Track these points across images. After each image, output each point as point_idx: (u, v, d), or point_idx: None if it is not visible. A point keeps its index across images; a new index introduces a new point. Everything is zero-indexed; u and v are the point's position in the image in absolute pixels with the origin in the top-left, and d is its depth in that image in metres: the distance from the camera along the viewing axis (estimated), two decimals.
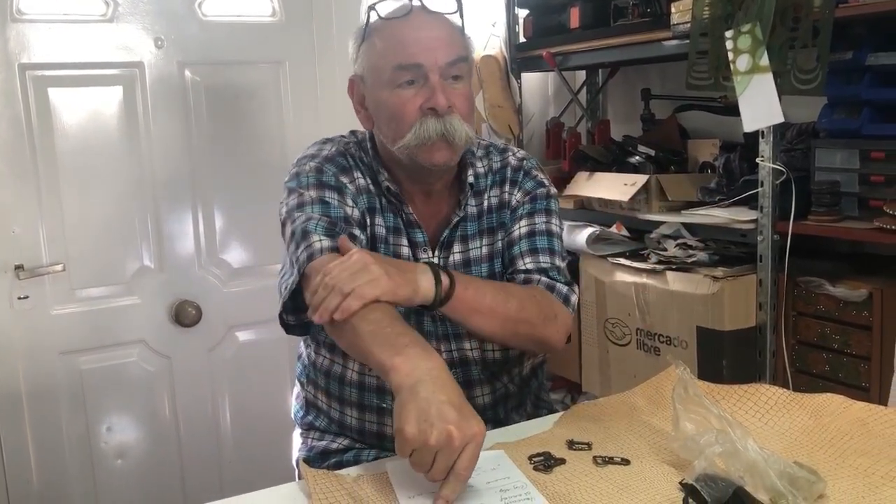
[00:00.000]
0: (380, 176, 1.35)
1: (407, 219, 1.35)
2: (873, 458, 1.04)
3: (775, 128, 1.94)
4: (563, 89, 2.89)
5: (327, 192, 1.31)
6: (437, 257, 1.37)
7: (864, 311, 1.86)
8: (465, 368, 1.37)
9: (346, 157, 1.37)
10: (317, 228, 1.25)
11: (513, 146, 1.52)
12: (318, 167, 1.34)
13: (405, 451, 0.96)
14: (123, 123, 2.23)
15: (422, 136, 1.25)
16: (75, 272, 2.20)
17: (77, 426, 2.25)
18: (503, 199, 1.43)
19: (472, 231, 1.40)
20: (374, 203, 1.35)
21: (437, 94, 1.24)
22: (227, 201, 2.37)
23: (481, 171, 1.42)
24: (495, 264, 1.41)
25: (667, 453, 1.08)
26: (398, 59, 1.25)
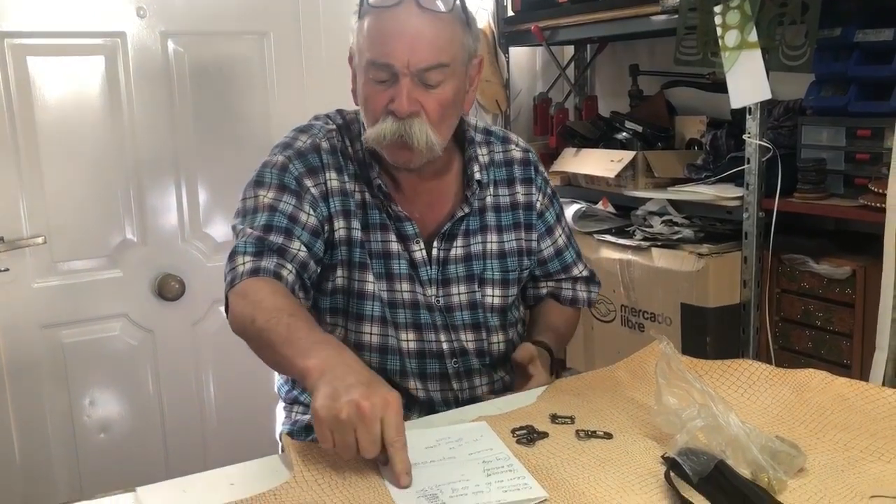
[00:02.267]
0: (372, 171, 1.32)
1: (395, 214, 1.32)
2: (853, 432, 1.05)
3: (762, 105, 1.94)
4: (551, 64, 2.87)
5: (285, 196, 1.28)
6: (436, 249, 1.35)
7: (848, 289, 1.87)
8: (464, 358, 1.37)
9: (319, 152, 1.32)
10: (245, 247, 1.23)
11: (512, 134, 1.50)
12: (284, 164, 1.30)
13: (324, 433, 0.94)
14: (105, 94, 2.20)
15: (380, 135, 1.23)
16: (57, 245, 2.18)
17: (59, 400, 2.23)
18: (517, 199, 1.42)
19: (475, 226, 1.38)
20: (348, 205, 1.31)
21: (401, 99, 1.20)
22: (211, 174, 2.34)
23: (483, 160, 1.40)
24: (508, 262, 1.40)
25: (649, 427, 1.09)
26: (373, 53, 1.21)
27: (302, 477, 0.97)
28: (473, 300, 1.37)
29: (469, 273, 1.37)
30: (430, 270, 1.35)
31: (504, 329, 1.42)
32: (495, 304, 1.39)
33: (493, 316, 1.40)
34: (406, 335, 1.34)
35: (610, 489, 0.94)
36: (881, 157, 1.82)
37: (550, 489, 0.94)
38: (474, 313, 1.38)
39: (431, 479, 0.96)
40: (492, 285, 1.39)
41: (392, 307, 1.33)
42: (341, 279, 1.33)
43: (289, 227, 1.26)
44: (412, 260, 1.34)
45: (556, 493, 0.93)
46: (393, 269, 1.33)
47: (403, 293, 1.33)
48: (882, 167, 1.79)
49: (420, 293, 1.34)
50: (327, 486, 0.95)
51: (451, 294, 1.36)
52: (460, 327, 1.37)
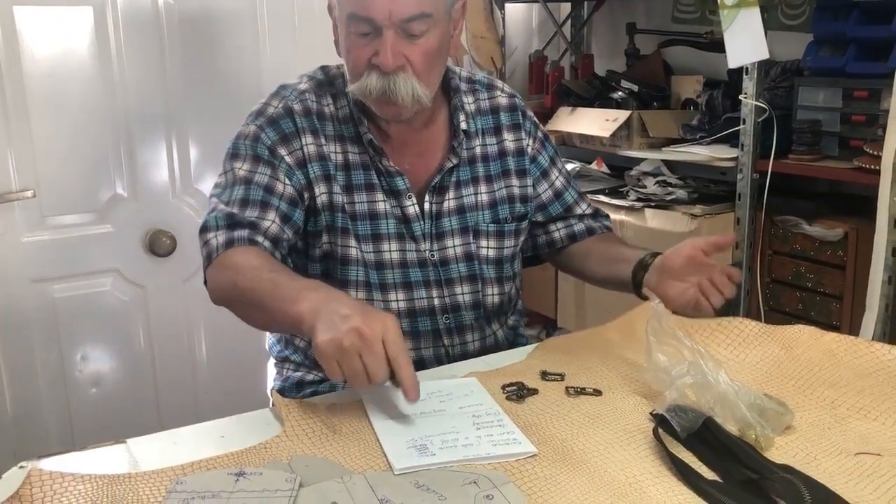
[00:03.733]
0: (361, 126, 1.29)
1: (385, 169, 1.30)
2: (840, 390, 1.06)
3: (760, 65, 1.92)
4: (548, 21, 2.83)
5: (259, 167, 1.26)
6: (427, 203, 1.33)
7: (839, 251, 1.87)
8: (456, 314, 1.36)
9: (292, 116, 1.29)
10: (216, 221, 1.22)
11: (496, 80, 1.48)
12: (256, 134, 1.28)
13: (331, 365, 0.96)
14: (94, 46, 2.16)
15: (364, 90, 1.21)
16: (46, 199, 2.16)
17: (50, 355, 2.23)
18: (505, 146, 1.40)
19: (465, 177, 1.36)
20: (327, 169, 1.29)
21: (385, 52, 1.17)
22: (202, 129, 2.31)
23: (470, 109, 1.38)
24: (499, 211, 1.39)
25: (638, 385, 1.09)
26: (352, 6, 1.18)
27: (293, 430, 0.98)
28: (469, 252, 1.36)
29: (463, 225, 1.36)
30: (424, 225, 1.33)
31: (500, 282, 1.41)
32: (490, 255, 1.39)
33: (488, 268, 1.39)
34: (395, 295, 1.33)
35: (598, 445, 0.94)
36: (877, 118, 1.81)
37: (539, 445, 0.94)
38: (470, 265, 1.37)
39: (422, 431, 0.97)
40: (486, 237, 1.38)
41: (379, 268, 1.32)
42: (327, 245, 1.31)
43: (265, 200, 1.24)
44: (405, 215, 1.32)
45: (545, 449, 0.94)
46: (381, 230, 1.31)
47: (392, 252, 1.32)
48: (878, 129, 1.78)
49: (411, 250, 1.33)
50: (317, 440, 0.96)
51: (445, 248, 1.35)
52: (456, 280, 1.36)
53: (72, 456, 0.95)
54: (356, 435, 0.97)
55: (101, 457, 0.96)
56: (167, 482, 0.86)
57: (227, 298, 1.19)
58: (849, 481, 0.86)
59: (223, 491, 0.84)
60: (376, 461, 0.92)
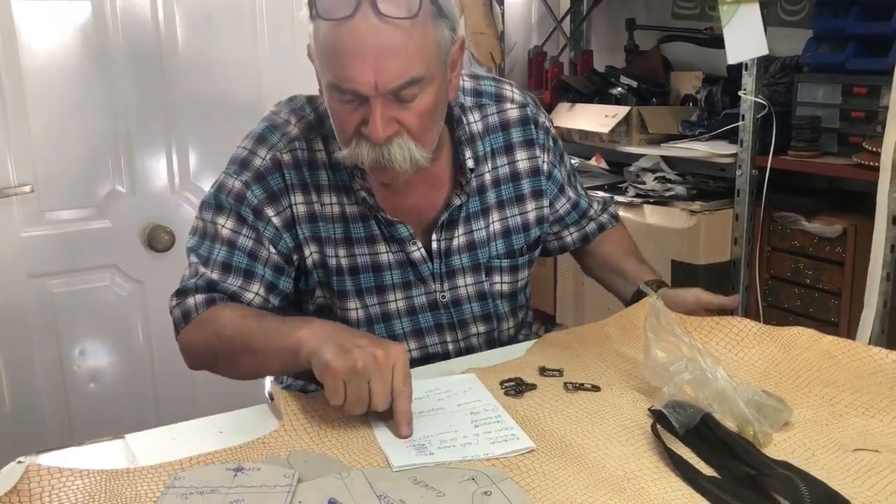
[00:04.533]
0: (354, 182, 1.18)
1: (384, 220, 1.20)
2: (838, 388, 1.06)
3: (759, 61, 1.92)
4: (547, 17, 2.83)
5: (244, 230, 1.18)
6: (435, 241, 1.24)
7: (838, 247, 1.87)
8: (470, 357, 1.28)
9: (281, 171, 1.18)
10: (197, 286, 1.16)
11: (505, 86, 1.34)
12: (240, 193, 1.18)
13: (338, 385, 0.94)
14: (92, 40, 2.15)
15: (356, 160, 1.10)
16: (44, 194, 2.15)
17: (49, 350, 2.23)
18: (517, 168, 1.30)
19: (475, 209, 1.26)
20: (317, 231, 1.20)
21: (374, 125, 1.04)
22: (201, 125, 2.31)
23: (476, 128, 1.26)
24: (513, 241, 1.30)
25: (637, 381, 1.09)
26: (333, 76, 1.04)
27: (291, 426, 0.98)
28: (482, 290, 1.29)
29: (475, 262, 1.28)
30: (433, 265, 1.25)
31: (514, 313, 1.37)
32: (504, 290, 1.32)
33: (503, 303, 1.33)
34: (406, 345, 1.26)
35: (597, 440, 0.94)
36: (876, 115, 1.81)
37: (538, 440, 0.94)
38: (484, 304, 1.30)
39: (420, 430, 0.97)
40: (500, 273, 1.31)
41: (386, 320, 1.25)
42: (321, 299, 1.26)
43: (249, 268, 1.17)
44: (410, 260, 1.23)
45: (543, 444, 0.94)
46: (385, 281, 1.24)
47: (398, 302, 1.25)
48: (877, 125, 1.78)
49: (419, 294, 1.26)
50: (316, 435, 0.96)
51: (457, 286, 1.27)
52: (470, 321, 1.30)
53: (70, 451, 0.95)
54: (355, 431, 0.97)
55: (100, 452, 0.96)
56: (165, 477, 0.86)
57: (209, 354, 1.14)
58: (847, 477, 0.86)
59: (221, 486, 0.84)
60: (375, 457, 0.92)
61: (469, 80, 1.31)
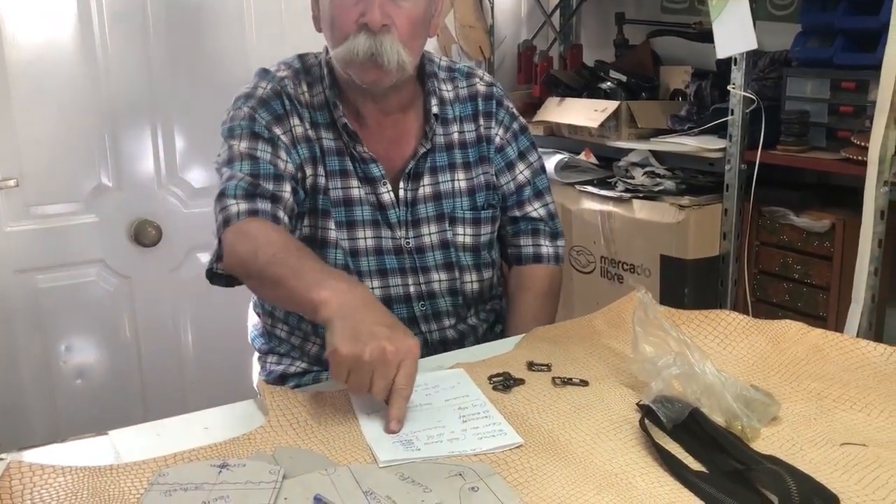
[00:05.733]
0: (336, 111, 1.29)
1: (360, 156, 1.30)
2: (826, 382, 1.06)
3: (748, 55, 1.92)
4: (537, 11, 2.82)
5: (260, 145, 1.26)
6: (402, 189, 1.33)
7: (826, 242, 1.88)
8: (432, 301, 1.36)
9: (282, 98, 1.30)
10: (235, 190, 1.22)
11: (477, 69, 1.48)
12: (250, 114, 1.28)
13: (341, 371, 0.95)
14: (78, 33, 2.13)
15: (351, 52, 1.20)
16: (29, 188, 2.13)
17: (34, 345, 2.21)
18: (480, 133, 1.40)
19: (442, 163, 1.36)
20: (314, 151, 1.30)
21: (373, 9, 1.17)
22: (188, 118, 2.29)
23: (448, 96, 1.38)
24: (477, 198, 1.38)
25: (625, 375, 1.09)
26: None
27: (277, 421, 0.97)
28: (445, 239, 1.36)
29: (439, 212, 1.35)
30: (399, 212, 1.33)
31: (478, 269, 1.40)
32: (467, 242, 1.38)
33: (465, 255, 1.38)
34: (371, 282, 1.32)
35: (585, 435, 0.94)
36: (865, 109, 1.82)
37: (525, 435, 0.94)
38: (446, 252, 1.36)
39: (407, 426, 0.96)
40: (462, 224, 1.38)
41: (354, 255, 1.31)
42: (307, 228, 1.31)
43: (277, 173, 1.25)
44: (380, 202, 1.32)
45: (531, 439, 0.93)
46: (355, 217, 1.31)
47: (367, 240, 1.32)
48: (865, 120, 1.78)
49: (387, 237, 1.32)
50: (302, 431, 0.95)
51: (421, 235, 1.35)
52: (432, 268, 1.35)
53: (53, 448, 0.94)
54: (341, 426, 0.96)
55: (83, 449, 0.94)
56: (149, 474, 0.85)
57: (244, 267, 1.18)
58: (834, 471, 0.86)
59: (206, 483, 0.83)
60: (361, 453, 0.91)
61: (445, 61, 1.44)
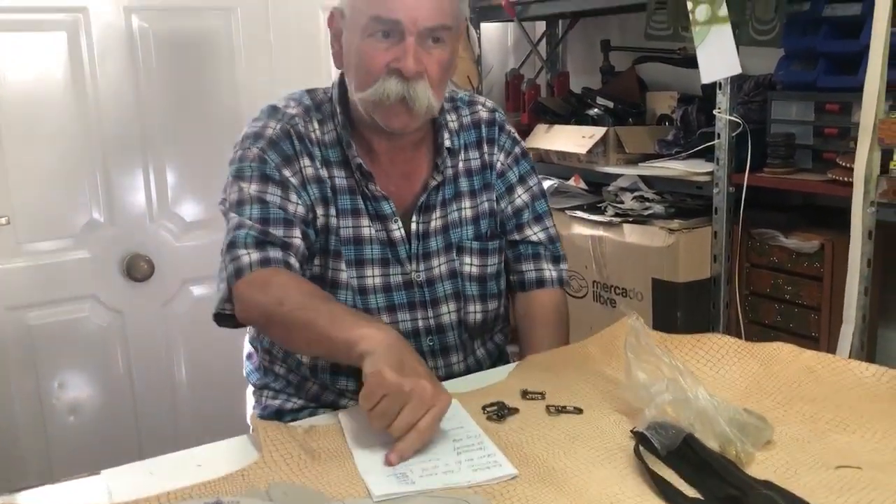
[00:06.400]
0: (350, 150, 1.29)
1: (372, 194, 1.30)
2: (819, 404, 1.06)
3: (733, 80, 1.94)
4: (523, 40, 2.85)
5: (270, 188, 1.26)
6: (414, 223, 1.33)
7: (816, 263, 1.89)
8: (440, 336, 1.36)
9: (291, 138, 1.29)
10: (246, 239, 1.22)
11: (477, 96, 1.49)
12: (260, 156, 1.27)
13: (375, 394, 0.95)
14: (68, 71, 2.15)
15: (381, 95, 1.20)
16: (21, 225, 2.14)
17: (27, 383, 2.20)
18: (484, 160, 1.41)
19: (451, 194, 1.37)
20: (324, 191, 1.29)
21: (408, 57, 1.18)
22: (179, 153, 2.31)
23: (453, 126, 1.39)
24: (481, 225, 1.39)
25: (619, 402, 1.09)
26: (377, 10, 1.18)
27: (270, 457, 0.96)
28: (452, 269, 1.36)
29: (447, 243, 1.36)
30: (410, 247, 1.33)
31: (483, 299, 1.40)
32: (473, 272, 1.38)
33: (471, 285, 1.38)
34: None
35: (580, 464, 0.94)
36: (849, 131, 1.83)
37: (520, 465, 0.94)
38: (454, 282, 1.36)
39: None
40: (469, 253, 1.38)
41: (362, 293, 1.31)
42: (318, 267, 1.30)
43: (287, 218, 1.24)
44: (390, 239, 1.31)
45: (526, 470, 0.93)
46: (364, 255, 1.31)
47: (375, 278, 1.31)
48: (850, 141, 1.80)
49: (396, 273, 1.32)
50: (296, 466, 0.95)
51: (431, 267, 1.34)
52: (441, 299, 1.35)
53: (46, 489, 0.93)
54: (335, 461, 0.96)
55: (76, 489, 0.94)
56: None
57: (266, 316, 1.18)
58: (829, 495, 0.86)
59: None
60: (355, 487, 0.91)
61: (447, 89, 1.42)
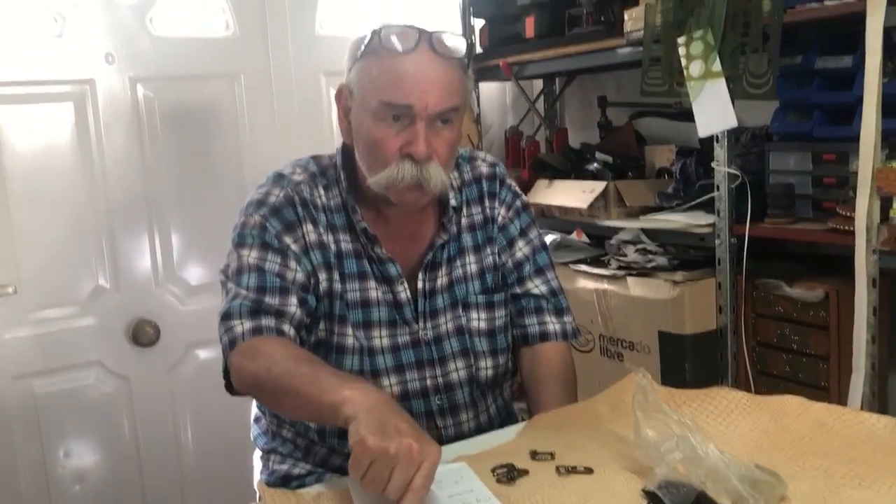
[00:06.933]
0: (355, 215, 1.31)
1: (378, 257, 1.31)
2: (833, 458, 1.05)
3: (730, 132, 1.96)
4: (521, 98, 2.90)
5: (269, 255, 1.27)
6: (421, 281, 1.34)
7: (822, 311, 1.89)
8: (449, 394, 1.35)
9: (294, 205, 1.30)
10: (240, 309, 1.22)
11: (477, 152, 1.51)
12: (261, 223, 1.28)
13: (363, 462, 0.93)
14: (75, 141, 2.19)
15: (395, 179, 1.22)
16: (28, 294, 2.15)
17: (32, 452, 2.18)
18: (486, 214, 1.43)
19: (455, 251, 1.38)
20: (328, 256, 1.30)
21: (419, 142, 1.20)
22: (184, 218, 2.33)
23: (455, 183, 1.40)
24: (487, 279, 1.40)
25: (629, 460, 1.08)
26: (389, 95, 1.20)
27: None
28: (459, 325, 1.36)
29: (453, 300, 1.36)
30: (416, 306, 1.33)
31: (494, 354, 1.39)
32: (482, 327, 1.38)
33: (480, 340, 1.38)
34: (388, 380, 1.31)
35: None
36: (847, 180, 1.85)
37: None
38: (461, 339, 1.36)
39: None
40: (476, 308, 1.38)
41: (370, 355, 1.31)
42: (322, 332, 1.31)
43: (283, 286, 1.25)
44: (396, 301, 1.32)
45: None
46: (371, 318, 1.31)
47: (382, 339, 1.32)
48: (849, 190, 1.81)
49: (403, 333, 1.32)
50: None
51: (438, 325, 1.35)
52: (449, 357, 1.35)
53: None
54: None
55: None
56: None
57: (256, 385, 1.18)
58: None
59: None
60: None
61: None
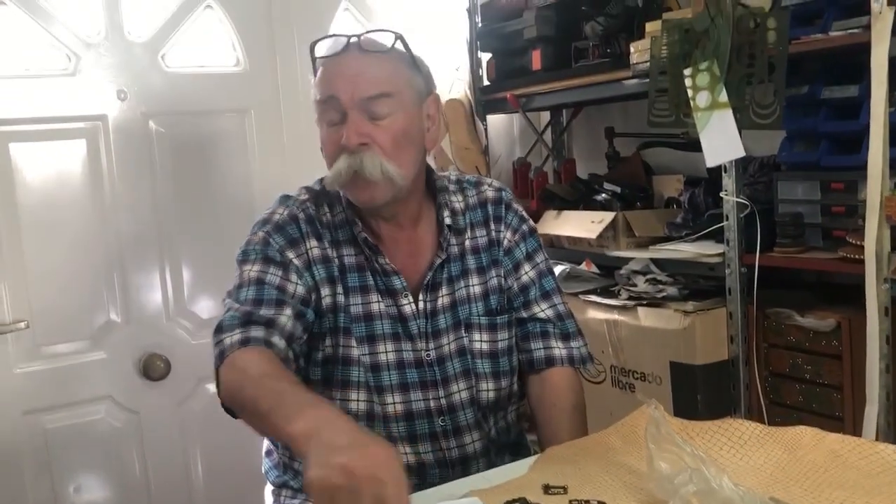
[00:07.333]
0: (356, 227, 1.33)
1: (382, 269, 1.33)
2: (849, 490, 1.04)
3: (737, 162, 1.97)
4: (529, 130, 2.92)
5: (271, 268, 1.29)
6: (422, 301, 1.35)
7: (834, 341, 1.87)
8: (452, 416, 1.35)
9: (297, 222, 1.34)
10: (231, 321, 1.23)
11: (485, 178, 1.52)
12: (265, 239, 1.32)
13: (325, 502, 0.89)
14: (87, 176, 2.21)
15: (336, 174, 1.26)
16: (39, 329, 2.16)
17: (42, 488, 2.18)
18: (491, 237, 1.43)
19: (457, 271, 1.39)
20: (332, 271, 1.33)
21: (347, 131, 1.24)
22: (195, 252, 2.34)
23: (458, 206, 1.42)
24: (491, 301, 1.40)
25: (643, 494, 1.07)
26: (319, 93, 1.28)
27: None
28: (462, 346, 1.37)
29: (456, 320, 1.37)
30: (420, 323, 1.34)
31: (496, 377, 1.39)
32: (484, 349, 1.38)
33: (483, 362, 1.38)
34: (392, 398, 1.32)
35: None
36: (856, 208, 1.85)
37: None
38: (463, 360, 1.36)
39: None
40: (479, 330, 1.38)
41: (375, 370, 1.32)
42: (330, 347, 1.32)
43: (279, 298, 1.26)
44: (401, 315, 1.33)
45: None
46: (375, 331, 1.33)
47: (388, 354, 1.33)
48: (858, 219, 1.81)
49: (408, 350, 1.33)
50: None
51: (441, 345, 1.35)
52: (451, 378, 1.35)
53: None
54: None
55: None
56: None
57: (235, 401, 1.18)
58: None
59: None
60: None
61: (455, 174, 1.50)
